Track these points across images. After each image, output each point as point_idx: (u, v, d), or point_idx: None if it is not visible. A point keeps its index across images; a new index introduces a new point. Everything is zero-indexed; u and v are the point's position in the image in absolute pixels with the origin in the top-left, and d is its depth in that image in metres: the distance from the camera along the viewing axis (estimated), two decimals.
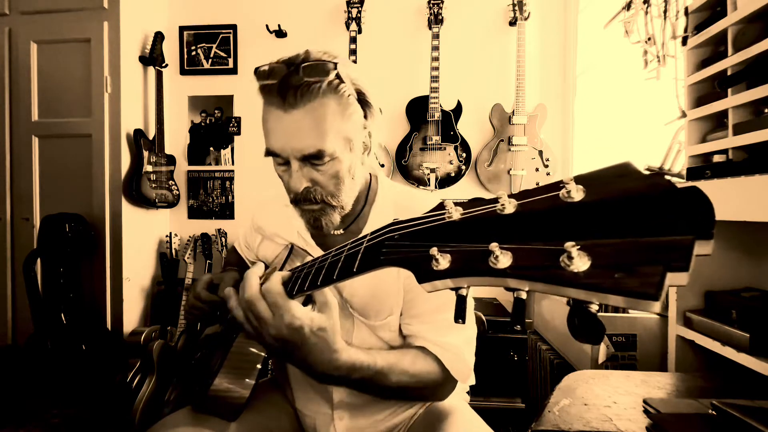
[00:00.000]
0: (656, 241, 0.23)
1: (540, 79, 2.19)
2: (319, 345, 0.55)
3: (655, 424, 0.65)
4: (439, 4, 2.10)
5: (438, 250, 0.33)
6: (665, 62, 1.27)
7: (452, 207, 0.35)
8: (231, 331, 0.78)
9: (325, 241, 0.80)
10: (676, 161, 1.31)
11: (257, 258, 0.96)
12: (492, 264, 0.29)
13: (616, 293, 0.23)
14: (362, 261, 0.42)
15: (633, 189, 0.26)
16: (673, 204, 0.24)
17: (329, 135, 0.65)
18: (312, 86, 0.63)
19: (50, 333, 1.82)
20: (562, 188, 0.28)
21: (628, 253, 0.24)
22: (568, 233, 0.26)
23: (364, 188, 0.79)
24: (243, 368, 0.72)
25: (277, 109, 0.64)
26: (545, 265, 0.27)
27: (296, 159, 0.66)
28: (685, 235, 0.23)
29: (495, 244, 0.29)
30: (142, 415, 1.70)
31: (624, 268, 0.24)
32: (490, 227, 0.31)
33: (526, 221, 0.30)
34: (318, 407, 0.82)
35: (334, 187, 0.69)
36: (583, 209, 0.27)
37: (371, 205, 0.79)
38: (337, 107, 0.65)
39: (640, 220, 0.24)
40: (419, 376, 0.67)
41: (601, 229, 0.26)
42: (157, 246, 2.30)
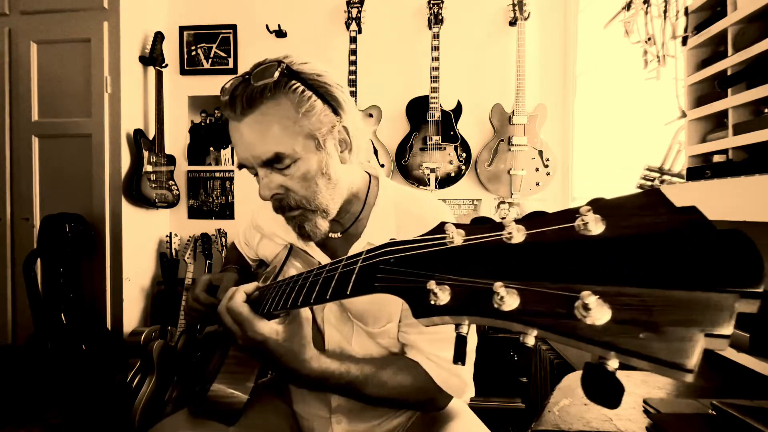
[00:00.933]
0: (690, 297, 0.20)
1: (540, 79, 2.19)
2: (287, 355, 0.58)
3: (655, 424, 0.65)
4: (439, 4, 2.10)
5: (436, 283, 0.30)
6: (665, 62, 1.27)
7: (453, 230, 0.32)
8: (229, 332, 0.78)
9: (324, 242, 0.79)
10: (676, 161, 1.31)
11: (257, 256, 0.95)
12: (497, 305, 0.26)
13: (641, 358, 0.20)
14: (356, 284, 0.40)
15: (663, 226, 0.22)
16: (712, 250, 0.20)
17: (285, 136, 0.63)
18: (255, 91, 0.62)
19: (50, 333, 1.82)
20: (578, 218, 0.25)
21: (657, 309, 0.21)
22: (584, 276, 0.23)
23: (363, 189, 0.77)
24: (241, 372, 0.72)
25: (233, 120, 0.65)
26: (557, 312, 0.23)
27: (259, 166, 0.66)
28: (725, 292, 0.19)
29: (500, 284, 0.26)
30: (142, 415, 1.70)
31: (651, 327, 0.20)
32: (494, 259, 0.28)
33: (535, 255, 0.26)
34: (316, 411, 0.82)
35: (306, 191, 0.67)
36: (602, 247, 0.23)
37: (371, 208, 0.77)
38: (290, 105, 0.63)
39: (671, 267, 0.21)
40: (399, 389, 0.67)
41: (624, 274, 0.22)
42: (157, 246, 2.30)
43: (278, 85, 0.63)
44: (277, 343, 0.58)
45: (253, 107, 0.63)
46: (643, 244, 0.22)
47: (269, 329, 0.57)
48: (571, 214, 0.26)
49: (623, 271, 0.22)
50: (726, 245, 0.20)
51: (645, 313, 0.21)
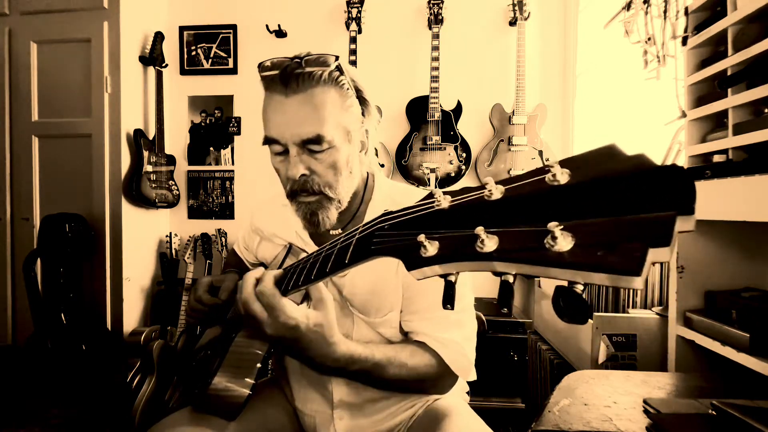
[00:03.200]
0: (638, 218, 0.24)
1: (540, 79, 2.19)
2: (316, 340, 0.57)
3: (655, 424, 0.65)
4: (439, 4, 2.10)
5: (426, 237, 0.33)
6: (665, 62, 1.27)
7: (441, 195, 0.35)
8: (231, 330, 0.78)
9: (322, 240, 0.80)
10: (676, 161, 1.31)
11: (256, 259, 0.96)
12: (479, 248, 0.29)
13: (599, 270, 0.24)
14: (354, 252, 0.43)
15: (617, 170, 0.26)
16: (655, 182, 0.24)
17: (328, 122, 0.66)
18: (313, 74, 0.65)
19: (50, 333, 1.82)
20: (548, 172, 0.29)
21: (611, 232, 0.24)
22: (552, 215, 0.27)
23: (362, 186, 0.80)
24: (242, 367, 0.72)
25: (278, 95, 0.66)
26: (530, 246, 0.27)
27: (295, 145, 0.67)
28: (666, 212, 0.23)
29: (481, 228, 0.29)
30: (142, 415, 1.69)
31: (607, 246, 0.24)
32: (477, 213, 0.31)
33: (512, 206, 0.30)
34: (318, 407, 0.82)
35: (331, 177, 0.70)
36: (567, 191, 0.27)
37: (368, 204, 0.79)
38: (337, 97, 0.68)
39: (623, 199, 0.25)
40: (417, 369, 0.68)
41: (585, 209, 0.26)
42: (157, 246, 2.30)
43: (331, 75, 0.67)
44: (308, 328, 0.56)
45: (305, 88, 0.65)
46: (600, 185, 0.26)
47: (301, 313, 0.55)
48: (542, 170, 0.30)
49: (584, 206, 0.26)
50: (666, 177, 0.24)
51: (602, 237, 0.25)
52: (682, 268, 1.07)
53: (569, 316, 0.26)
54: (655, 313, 1.26)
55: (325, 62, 0.66)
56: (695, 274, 1.07)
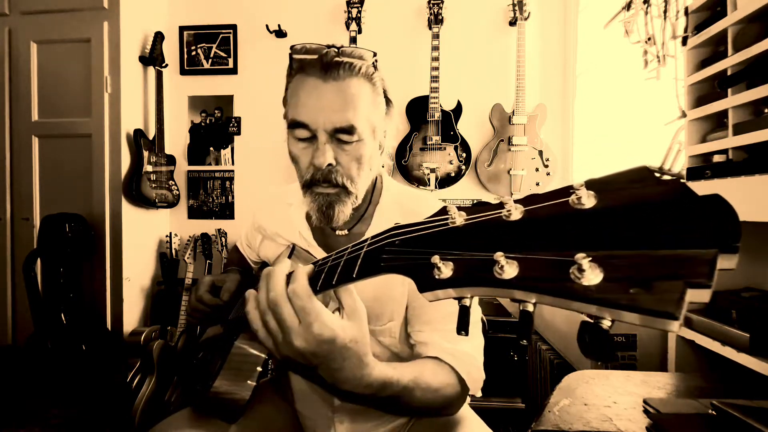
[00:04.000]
0: (675, 254, 0.22)
1: (540, 79, 2.19)
2: (350, 359, 0.46)
3: (655, 424, 0.65)
4: (439, 4, 2.10)
5: (440, 258, 0.31)
6: (665, 62, 1.27)
7: (455, 212, 0.33)
8: (232, 332, 0.78)
9: (327, 241, 0.79)
10: (676, 161, 1.31)
11: (259, 258, 0.95)
12: (497, 274, 0.27)
13: (631, 310, 0.22)
14: (362, 266, 0.41)
15: (649, 196, 0.24)
16: (694, 213, 0.22)
17: (361, 114, 0.66)
18: (354, 65, 0.65)
19: (50, 333, 1.82)
20: (572, 194, 0.26)
21: (645, 267, 0.22)
22: (578, 243, 0.25)
23: (370, 188, 0.78)
24: (243, 370, 0.72)
25: (316, 79, 0.65)
26: (554, 276, 0.25)
27: (325, 132, 0.65)
28: (707, 248, 0.21)
29: (500, 254, 0.27)
30: (142, 415, 1.70)
31: (640, 283, 0.22)
32: (494, 235, 0.30)
33: (533, 229, 0.28)
34: (319, 410, 0.82)
35: (354, 171, 0.68)
36: (594, 217, 0.25)
37: (375, 206, 0.78)
38: (370, 92, 0.68)
39: (657, 230, 0.23)
40: (442, 391, 0.63)
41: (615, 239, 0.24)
42: (157, 246, 2.30)
43: (368, 70, 0.67)
44: (344, 343, 0.45)
45: (344, 77, 0.65)
46: (631, 212, 0.24)
47: (338, 324, 0.45)
48: (565, 191, 0.28)
49: (614, 236, 0.24)
50: (707, 208, 0.22)
51: (634, 272, 0.22)
52: None
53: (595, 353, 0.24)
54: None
55: (362, 56, 0.66)
56: None
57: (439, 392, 0.62)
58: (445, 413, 0.70)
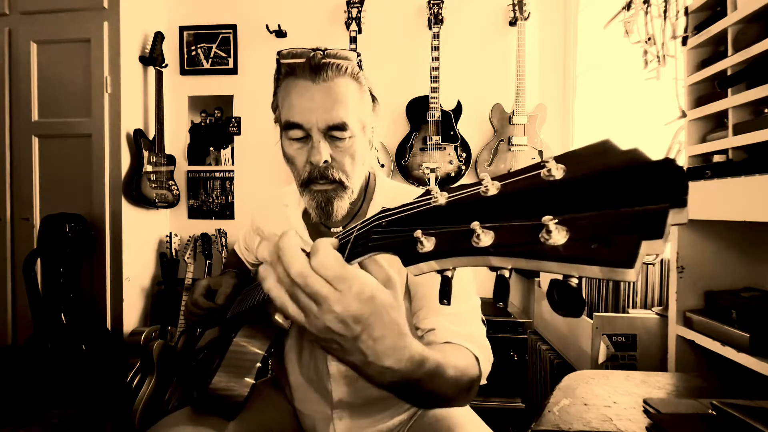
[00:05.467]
0: (632, 211, 0.24)
1: (540, 79, 2.19)
2: (392, 327, 0.43)
3: (655, 424, 0.65)
4: (439, 4, 2.10)
5: (422, 232, 0.33)
6: (665, 62, 1.27)
7: (438, 192, 0.35)
8: (230, 330, 0.78)
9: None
10: (676, 161, 1.31)
11: (257, 260, 0.96)
12: (475, 243, 0.29)
13: (593, 263, 0.24)
14: (352, 248, 0.42)
15: (611, 164, 0.26)
16: (648, 175, 0.24)
17: (351, 112, 0.69)
18: (340, 65, 0.68)
19: (50, 333, 1.82)
20: (543, 167, 0.29)
21: (605, 225, 0.25)
22: (547, 210, 0.27)
23: (364, 185, 0.80)
24: (242, 367, 0.72)
25: (306, 81, 0.68)
26: (525, 241, 0.27)
27: (319, 130, 0.68)
28: (659, 204, 0.23)
29: (476, 223, 0.29)
30: (142, 415, 1.70)
31: (601, 239, 0.24)
32: (473, 209, 0.32)
33: (507, 201, 0.30)
34: (317, 407, 0.82)
35: (349, 167, 0.71)
36: (562, 186, 0.28)
37: (370, 203, 0.80)
38: (357, 90, 0.71)
39: (617, 192, 0.25)
40: (467, 371, 0.60)
41: (580, 203, 0.26)
42: (157, 246, 2.30)
43: (353, 70, 0.70)
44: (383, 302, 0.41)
45: (332, 78, 0.68)
46: (594, 179, 0.26)
47: (377, 284, 0.41)
48: (537, 166, 0.30)
49: (578, 200, 0.26)
50: (659, 171, 0.24)
51: (596, 230, 0.25)
52: (682, 268, 1.07)
53: (564, 309, 0.27)
54: (655, 313, 1.26)
55: (347, 57, 0.69)
56: (695, 274, 1.07)
57: (465, 372, 0.59)
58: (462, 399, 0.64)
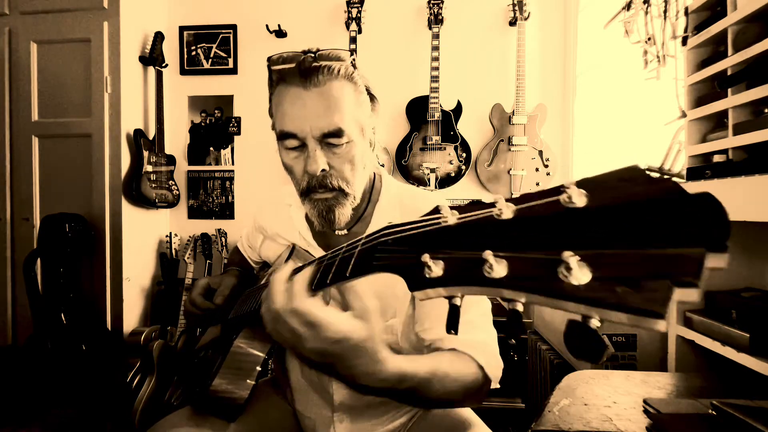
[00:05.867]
0: (663, 253, 0.21)
1: (540, 79, 2.19)
2: (364, 357, 0.47)
3: (655, 424, 0.65)
4: (439, 4, 2.10)
5: (430, 256, 0.31)
6: (665, 62, 1.27)
7: (448, 211, 0.33)
8: (231, 331, 0.78)
9: (327, 241, 0.79)
10: (676, 161, 1.31)
11: (260, 258, 0.96)
12: (486, 273, 0.27)
13: (618, 309, 0.22)
14: (355, 265, 0.41)
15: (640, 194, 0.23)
16: (683, 211, 0.22)
17: (347, 116, 0.65)
18: (332, 67, 0.65)
19: (50, 333, 1.82)
20: (563, 193, 0.26)
21: (633, 266, 0.22)
22: (567, 242, 0.25)
23: (368, 187, 0.78)
24: (242, 369, 0.72)
25: (297, 87, 0.65)
26: (542, 276, 0.25)
27: (314, 138, 0.65)
28: (695, 247, 0.21)
29: (489, 252, 0.27)
30: (142, 415, 1.69)
31: (627, 282, 0.22)
32: (485, 233, 0.29)
33: (523, 228, 0.28)
34: (318, 409, 0.82)
35: (348, 173, 0.68)
36: (584, 216, 0.25)
37: (374, 205, 0.78)
38: (352, 92, 0.67)
39: (646, 228, 0.22)
40: (462, 380, 0.61)
41: (604, 238, 0.24)
42: (157, 246, 2.30)
43: (347, 71, 0.66)
44: (356, 343, 0.45)
45: (325, 82, 0.65)
46: (621, 211, 0.24)
47: (349, 326, 0.45)
48: (557, 190, 0.27)
49: (603, 235, 0.24)
50: (696, 207, 0.21)
51: (622, 271, 0.22)
52: None
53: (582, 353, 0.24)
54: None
55: (339, 57, 0.66)
56: None
57: (459, 382, 0.60)
58: (468, 403, 0.67)
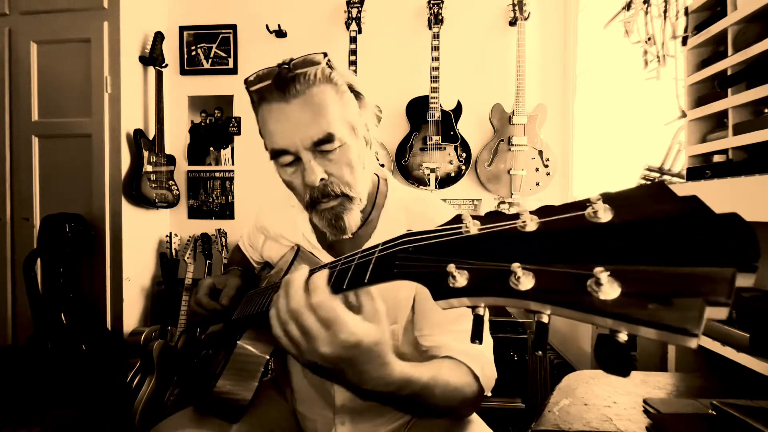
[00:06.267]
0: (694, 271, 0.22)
1: (540, 79, 2.19)
2: (374, 362, 0.47)
3: (655, 424, 0.65)
4: (439, 4, 2.10)
5: (456, 266, 0.31)
6: (665, 62, 1.27)
7: (470, 220, 0.33)
8: (234, 332, 0.78)
9: (331, 245, 0.78)
10: (676, 161, 1.31)
11: (261, 258, 0.95)
12: (513, 285, 0.28)
13: (650, 326, 0.22)
14: (374, 271, 0.41)
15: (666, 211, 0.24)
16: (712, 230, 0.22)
17: (334, 119, 0.64)
18: (308, 74, 0.64)
19: (50, 333, 1.82)
20: (588, 207, 0.26)
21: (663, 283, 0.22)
22: (595, 257, 0.25)
23: (373, 190, 0.77)
24: (246, 370, 0.72)
25: (278, 102, 0.64)
26: (571, 289, 0.25)
27: (306, 149, 0.64)
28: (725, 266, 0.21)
29: (517, 265, 0.27)
30: (142, 415, 1.70)
31: (659, 299, 0.22)
32: (510, 245, 0.30)
33: (549, 241, 0.28)
34: (319, 410, 0.82)
35: (349, 176, 0.67)
36: (611, 231, 0.25)
37: (380, 209, 0.77)
38: (334, 93, 0.66)
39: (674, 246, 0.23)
40: (461, 389, 0.61)
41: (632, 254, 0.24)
42: (157, 246, 2.30)
43: (324, 73, 0.65)
44: (369, 346, 0.45)
45: (304, 90, 0.63)
46: (649, 228, 0.24)
47: (363, 329, 0.45)
48: (581, 205, 0.28)
49: (631, 251, 0.24)
50: (725, 226, 0.22)
51: (653, 287, 0.23)
52: None
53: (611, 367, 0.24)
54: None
55: (314, 61, 0.65)
56: None
57: (458, 390, 0.60)
58: (463, 413, 0.69)
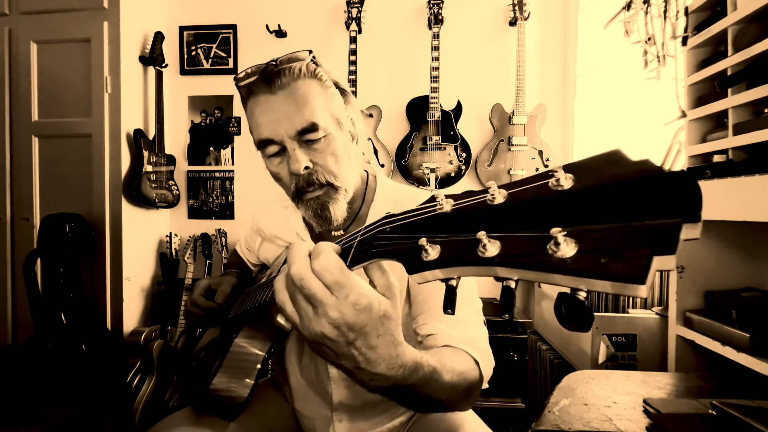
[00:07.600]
0: (643, 225, 0.23)
1: (540, 79, 2.19)
2: (385, 336, 0.43)
3: (655, 424, 0.65)
4: (439, 4, 2.10)
5: (427, 240, 0.33)
6: (665, 62, 1.27)
7: (443, 199, 0.35)
8: (231, 331, 0.78)
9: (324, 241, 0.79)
10: (676, 161, 1.31)
11: (258, 260, 0.96)
12: (480, 253, 0.29)
13: (602, 278, 0.23)
14: (355, 254, 0.42)
15: (622, 175, 0.26)
16: (661, 188, 0.24)
17: (318, 110, 0.67)
18: (293, 68, 0.67)
19: (50, 333, 1.82)
20: (552, 177, 0.28)
21: (615, 238, 0.24)
22: (555, 221, 0.26)
23: (362, 187, 0.79)
24: (242, 368, 0.72)
25: (264, 95, 0.67)
26: (533, 252, 0.27)
27: (291, 138, 0.66)
28: (672, 219, 0.23)
29: (483, 233, 0.29)
30: (142, 415, 1.70)
31: (611, 253, 0.24)
32: (479, 218, 0.31)
33: (514, 210, 0.30)
34: (317, 408, 0.82)
35: (334, 166, 0.69)
36: (571, 197, 0.27)
37: (370, 206, 0.78)
38: (319, 87, 0.69)
39: (628, 205, 0.24)
40: (465, 375, 0.59)
41: (590, 215, 0.26)
42: (157, 246, 2.30)
43: (309, 68, 0.68)
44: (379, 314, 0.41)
45: (289, 83, 0.66)
46: (604, 190, 0.26)
47: (375, 293, 0.41)
48: (545, 175, 0.29)
49: (588, 212, 0.26)
50: (672, 183, 0.23)
51: (606, 243, 0.24)
52: (682, 268, 1.07)
53: (572, 323, 0.26)
54: (655, 313, 1.26)
55: (298, 58, 0.68)
56: (695, 274, 1.07)
57: (464, 376, 0.58)
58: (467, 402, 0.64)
